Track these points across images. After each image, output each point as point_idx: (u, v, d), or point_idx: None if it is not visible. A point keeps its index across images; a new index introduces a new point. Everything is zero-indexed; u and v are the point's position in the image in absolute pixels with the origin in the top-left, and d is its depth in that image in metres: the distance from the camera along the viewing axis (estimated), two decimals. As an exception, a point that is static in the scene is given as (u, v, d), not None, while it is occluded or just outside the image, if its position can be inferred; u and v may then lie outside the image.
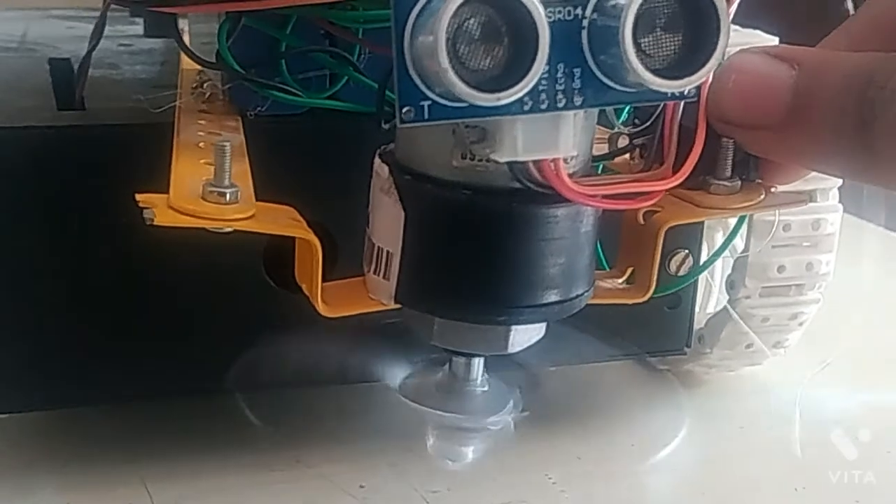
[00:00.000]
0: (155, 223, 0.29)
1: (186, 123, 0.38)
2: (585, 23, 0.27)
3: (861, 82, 0.24)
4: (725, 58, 0.28)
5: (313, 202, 0.34)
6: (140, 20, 0.59)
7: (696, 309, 0.51)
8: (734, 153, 0.32)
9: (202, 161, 0.33)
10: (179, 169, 0.32)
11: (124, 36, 0.57)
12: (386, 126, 0.31)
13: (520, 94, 0.26)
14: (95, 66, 0.43)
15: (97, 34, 0.42)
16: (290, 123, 0.39)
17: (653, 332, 0.49)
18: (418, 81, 0.26)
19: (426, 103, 0.27)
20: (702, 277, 0.50)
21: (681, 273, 0.46)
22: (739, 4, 0.30)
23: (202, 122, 0.39)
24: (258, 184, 0.32)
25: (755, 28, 0.46)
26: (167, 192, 0.31)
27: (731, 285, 0.50)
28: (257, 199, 0.31)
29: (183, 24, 0.46)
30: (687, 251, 0.46)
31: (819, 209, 0.47)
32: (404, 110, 0.27)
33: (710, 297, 0.52)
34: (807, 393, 0.55)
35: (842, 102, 0.24)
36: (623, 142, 0.34)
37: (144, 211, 0.29)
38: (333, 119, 0.40)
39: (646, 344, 0.49)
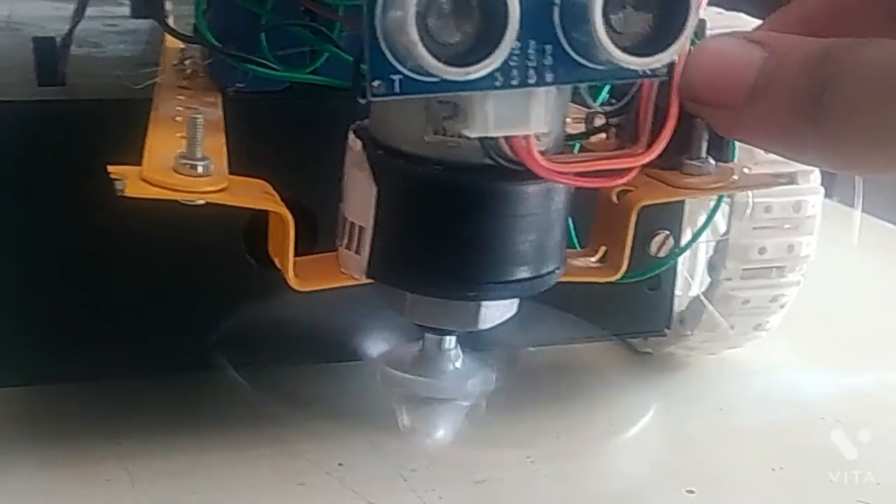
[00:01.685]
0: (125, 194, 0.29)
1: (165, 98, 0.38)
2: (557, 2, 0.27)
3: (818, 59, 0.24)
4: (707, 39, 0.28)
5: (292, 178, 0.34)
6: (127, 1, 0.59)
7: (679, 292, 0.51)
8: (708, 134, 0.32)
9: (177, 135, 0.33)
10: (154, 142, 0.32)
11: (111, 17, 0.57)
12: (362, 101, 0.31)
13: (489, 69, 0.26)
14: (80, 45, 0.43)
15: (79, 12, 0.42)
16: (269, 99, 0.39)
17: (633, 313, 0.49)
18: (389, 55, 0.26)
19: (397, 77, 0.27)
20: (684, 259, 0.50)
21: (661, 254, 0.46)
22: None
23: (181, 97, 0.39)
24: (237, 159, 0.32)
25: (739, 10, 0.46)
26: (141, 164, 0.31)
27: (712, 267, 0.50)
28: (234, 174, 0.31)
29: (169, 5, 0.46)
30: (667, 232, 0.46)
31: (800, 191, 0.47)
32: (375, 84, 0.27)
33: (693, 279, 0.53)
34: (787, 376, 0.56)
35: (798, 80, 0.25)
36: (599, 121, 0.34)
37: (115, 182, 0.29)
38: (313, 95, 0.40)
39: (626, 325, 0.50)
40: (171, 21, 0.43)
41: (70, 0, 0.63)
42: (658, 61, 0.27)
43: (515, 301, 0.32)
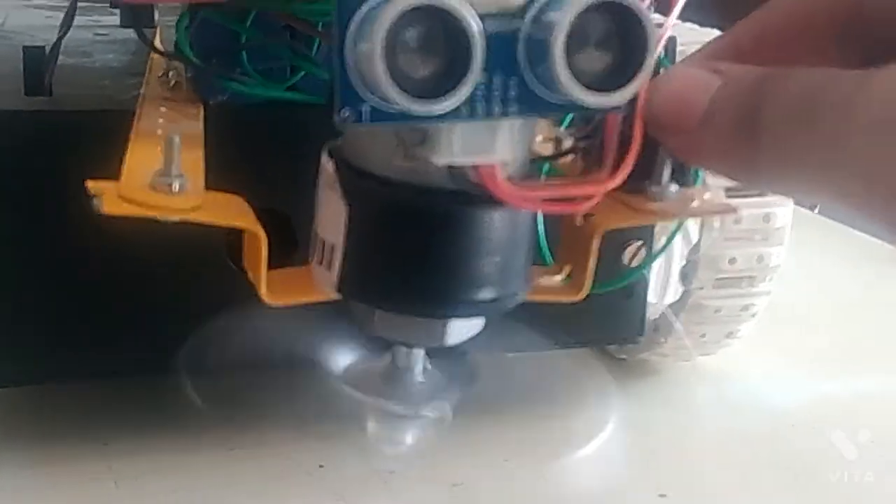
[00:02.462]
0: (102, 212, 0.30)
1: (148, 111, 0.39)
2: (522, 35, 0.28)
3: (755, 85, 0.25)
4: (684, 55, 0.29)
5: (272, 189, 0.35)
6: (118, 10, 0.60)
7: (653, 300, 0.52)
8: (672, 160, 0.33)
9: (157, 149, 0.34)
10: (133, 157, 0.33)
11: (102, 25, 0.58)
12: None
13: (454, 104, 0.27)
14: (69, 55, 0.44)
15: (67, 22, 0.43)
16: (250, 112, 0.40)
17: (608, 321, 0.50)
18: (358, 85, 0.27)
19: (365, 107, 0.28)
20: (657, 269, 0.51)
21: (634, 264, 0.47)
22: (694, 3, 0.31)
23: (164, 109, 0.40)
24: (217, 171, 0.33)
25: (714, 27, 0.47)
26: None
27: (684, 277, 0.51)
28: (214, 187, 0.32)
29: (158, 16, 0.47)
30: (640, 242, 0.47)
31: (769, 203, 0.48)
32: (343, 113, 0.28)
33: (667, 288, 0.54)
34: (759, 382, 0.57)
35: (738, 105, 0.25)
36: (567, 144, 0.35)
37: (93, 199, 0.30)
38: (293, 109, 0.40)
39: (601, 333, 0.51)
40: (160, 32, 0.44)
41: (62, 9, 0.64)
42: (617, 99, 0.28)
43: (482, 318, 0.33)
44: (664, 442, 0.52)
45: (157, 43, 0.44)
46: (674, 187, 0.34)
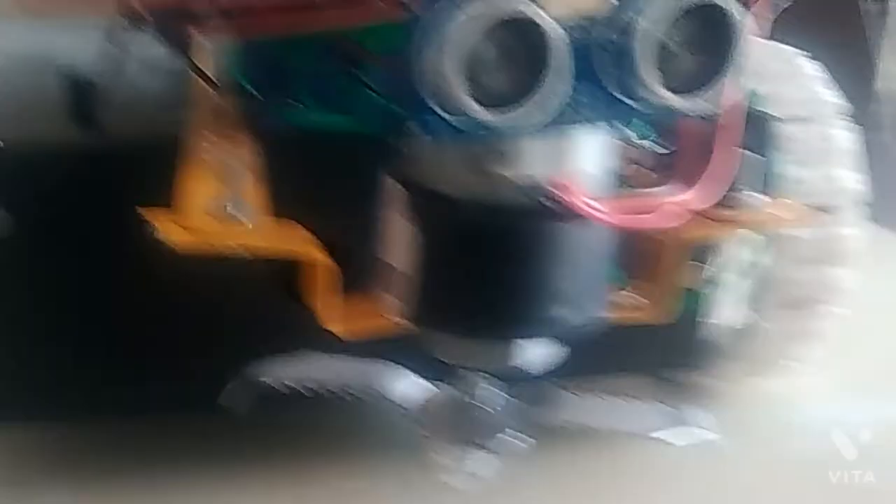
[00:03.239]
0: (159, 238, 0.28)
1: (198, 140, 0.38)
2: (600, 41, 0.26)
3: None
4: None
5: (324, 216, 0.34)
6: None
7: (718, 322, 0.51)
8: (755, 169, 0.32)
9: (211, 177, 0.33)
10: (188, 184, 0.32)
11: (147, 49, 0.56)
12: (398, 143, 0.31)
13: (532, 114, 0.25)
14: (113, 81, 0.43)
15: (114, 50, 0.42)
16: (301, 138, 0.38)
17: (668, 345, 0.48)
18: (431, 101, 0.26)
19: (438, 122, 0.26)
20: (721, 290, 0.49)
21: (695, 287, 0.45)
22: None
23: (215, 138, 0.39)
24: (270, 199, 0.32)
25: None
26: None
27: (752, 299, 0.49)
28: (268, 214, 0.31)
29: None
30: (702, 264, 0.45)
31: (840, 224, 0.46)
32: (416, 129, 0.26)
33: (732, 310, 0.52)
34: (824, 406, 0.55)
35: None
36: (642, 155, 0.33)
37: (149, 227, 0.29)
38: (347, 134, 0.39)
39: (660, 358, 0.49)
40: (207, 57, 0.42)
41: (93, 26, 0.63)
42: (703, 101, 0.26)
43: (552, 341, 0.32)
44: (728, 467, 0.50)
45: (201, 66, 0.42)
46: (753, 195, 0.33)
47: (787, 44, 0.45)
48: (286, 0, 0.33)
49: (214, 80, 0.39)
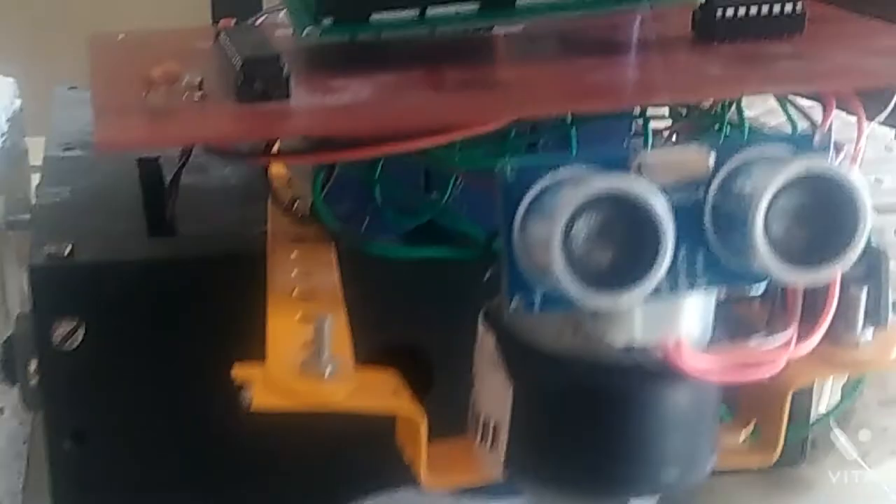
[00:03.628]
0: (253, 407, 0.27)
1: (278, 259, 0.37)
2: (708, 207, 0.25)
3: None
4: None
5: (414, 357, 0.33)
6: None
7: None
8: (865, 303, 0.30)
9: (297, 318, 0.32)
10: (275, 330, 0.31)
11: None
12: (488, 277, 0.30)
13: (639, 296, 0.24)
14: (185, 171, 0.42)
15: (185, 153, 0.41)
16: (391, 271, 0.37)
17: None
18: (529, 273, 0.25)
19: (537, 295, 0.25)
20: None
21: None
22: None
23: (295, 253, 0.38)
24: (359, 338, 0.31)
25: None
26: (260, 350, 0.30)
27: (848, 393, 0.47)
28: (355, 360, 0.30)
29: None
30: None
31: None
32: (514, 300, 0.25)
33: (822, 398, 0.50)
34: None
35: None
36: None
37: (241, 392, 0.28)
38: (438, 267, 0.38)
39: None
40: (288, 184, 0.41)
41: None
42: (821, 276, 0.25)
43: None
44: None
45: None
46: (869, 331, 0.31)
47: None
48: (377, 129, 0.32)
49: (297, 217, 0.38)
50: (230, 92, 0.33)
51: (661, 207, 0.24)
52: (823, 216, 0.24)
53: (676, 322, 0.26)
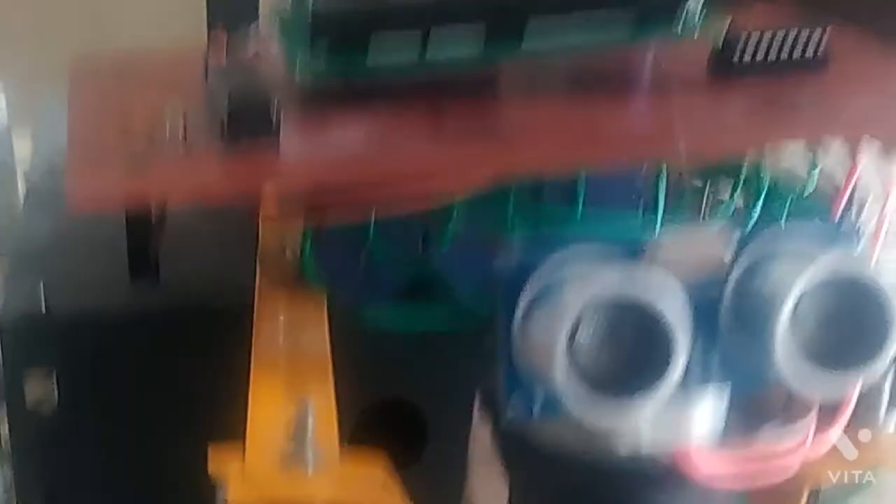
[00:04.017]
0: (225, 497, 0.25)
1: (266, 312, 0.35)
2: (725, 305, 0.23)
3: None
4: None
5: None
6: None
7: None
8: (887, 398, 0.28)
9: (281, 392, 0.30)
10: (256, 410, 0.29)
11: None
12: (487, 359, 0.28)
13: (649, 405, 0.22)
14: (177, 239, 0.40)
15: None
16: (381, 341, 0.35)
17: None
18: (527, 377, 0.23)
19: (535, 401, 0.23)
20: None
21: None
22: None
23: (283, 310, 0.35)
24: (343, 415, 0.29)
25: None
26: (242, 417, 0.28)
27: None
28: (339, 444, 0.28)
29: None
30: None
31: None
32: (510, 408, 0.23)
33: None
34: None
35: None
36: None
37: (217, 488, 0.26)
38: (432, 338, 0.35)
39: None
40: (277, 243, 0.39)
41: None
42: (848, 382, 0.23)
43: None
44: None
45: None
46: (892, 424, 0.29)
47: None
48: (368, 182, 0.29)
49: (287, 281, 0.36)
50: (217, 136, 0.31)
51: (674, 313, 0.21)
52: (850, 319, 0.22)
53: (687, 429, 0.24)
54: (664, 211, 0.31)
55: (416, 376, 0.36)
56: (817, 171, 0.32)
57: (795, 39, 0.33)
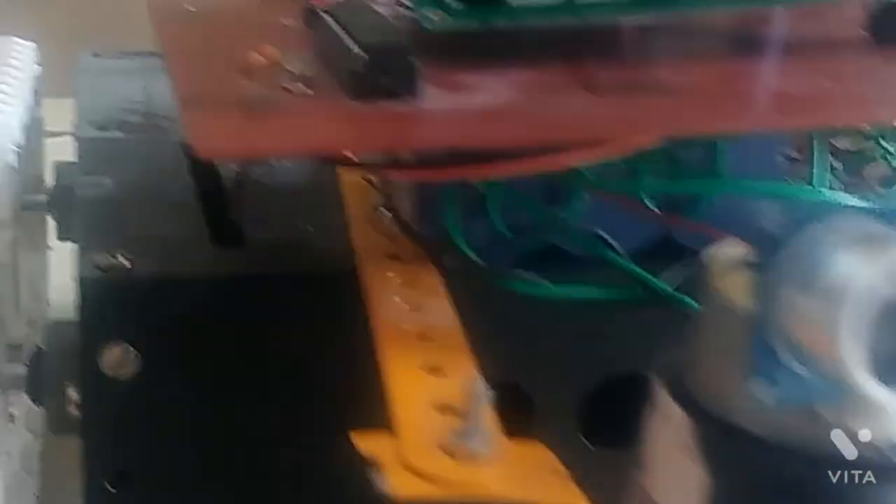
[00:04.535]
0: (392, 495, 0.22)
1: (376, 283, 0.31)
2: None
3: None
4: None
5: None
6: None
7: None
8: None
9: (419, 367, 0.26)
10: (398, 388, 0.25)
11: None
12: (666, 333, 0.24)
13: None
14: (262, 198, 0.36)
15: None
16: (533, 314, 0.31)
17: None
18: (784, 354, 0.19)
19: (789, 382, 0.19)
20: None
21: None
22: None
23: (391, 274, 0.32)
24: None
25: None
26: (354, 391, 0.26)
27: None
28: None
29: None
30: None
31: None
32: (757, 385, 0.20)
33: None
34: None
35: None
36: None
37: (373, 475, 0.22)
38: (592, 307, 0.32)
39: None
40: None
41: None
42: None
43: None
44: None
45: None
46: None
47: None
48: (527, 141, 0.26)
49: (422, 240, 0.32)
50: (342, 85, 0.27)
51: None
52: None
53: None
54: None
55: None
56: None
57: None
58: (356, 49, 0.27)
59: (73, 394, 0.32)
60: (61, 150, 0.46)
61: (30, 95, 0.48)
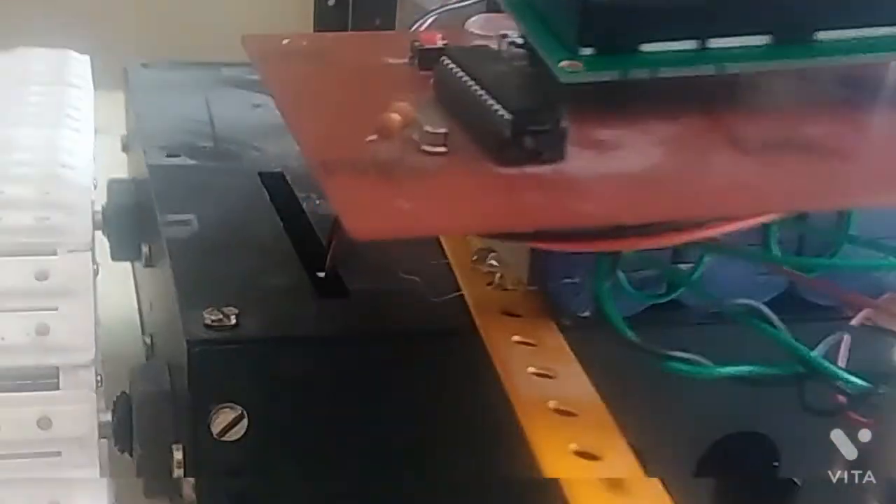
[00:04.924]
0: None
1: (497, 342, 0.30)
2: None
3: None
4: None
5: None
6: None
7: None
8: None
9: (572, 451, 0.25)
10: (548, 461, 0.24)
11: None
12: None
13: None
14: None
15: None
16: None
17: None
18: None
19: None
20: None
21: None
22: None
23: (512, 335, 0.30)
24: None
25: None
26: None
27: None
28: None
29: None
30: None
31: None
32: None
33: None
34: None
35: None
36: None
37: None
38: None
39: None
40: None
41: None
42: None
43: None
44: None
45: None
46: None
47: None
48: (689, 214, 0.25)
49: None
50: (480, 143, 0.26)
51: None
52: None
53: None
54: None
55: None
56: None
57: None
58: (499, 109, 0.25)
59: (178, 454, 0.31)
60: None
61: (92, 114, 0.47)
